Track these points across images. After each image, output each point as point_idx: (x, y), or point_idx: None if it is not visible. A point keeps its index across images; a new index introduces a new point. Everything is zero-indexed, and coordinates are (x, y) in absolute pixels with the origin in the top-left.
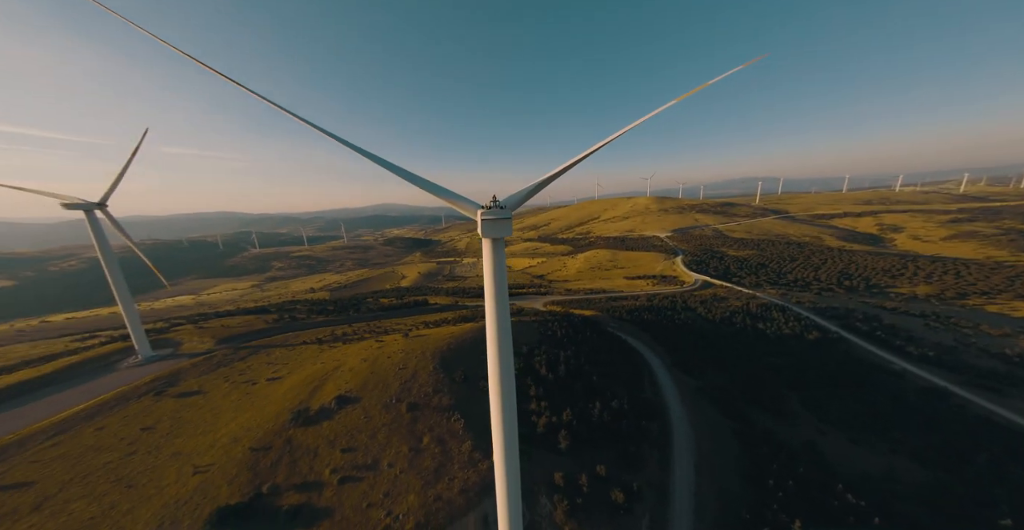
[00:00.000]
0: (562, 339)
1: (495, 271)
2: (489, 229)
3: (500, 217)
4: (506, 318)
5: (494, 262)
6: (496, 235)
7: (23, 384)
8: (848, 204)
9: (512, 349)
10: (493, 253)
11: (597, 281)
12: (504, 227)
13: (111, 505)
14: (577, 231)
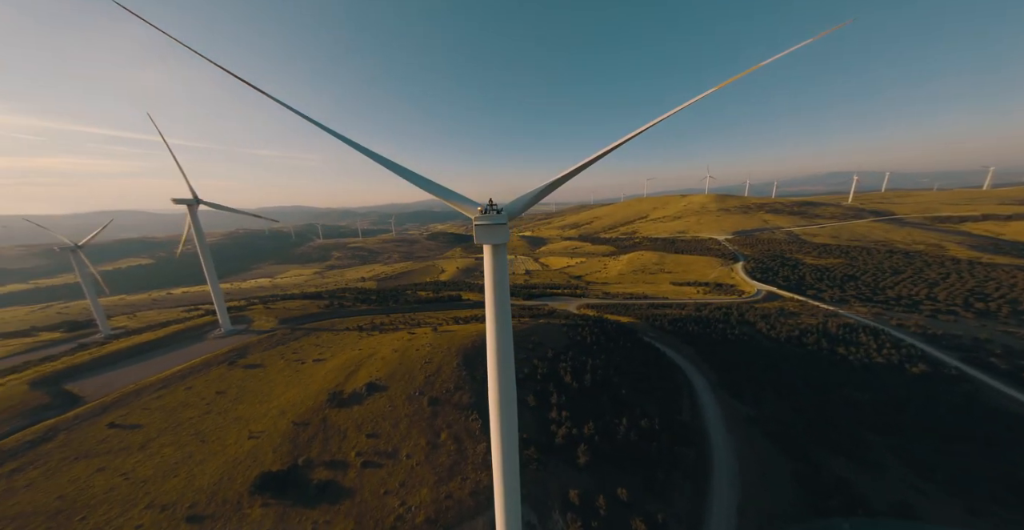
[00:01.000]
0: (591, 346)
1: (495, 278)
2: (483, 235)
3: (494, 223)
4: (507, 327)
5: (494, 269)
6: (490, 241)
7: (145, 344)
8: (990, 203)
9: (513, 361)
10: (493, 259)
11: (639, 285)
12: (499, 233)
13: (189, 455)
14: (622, 231)
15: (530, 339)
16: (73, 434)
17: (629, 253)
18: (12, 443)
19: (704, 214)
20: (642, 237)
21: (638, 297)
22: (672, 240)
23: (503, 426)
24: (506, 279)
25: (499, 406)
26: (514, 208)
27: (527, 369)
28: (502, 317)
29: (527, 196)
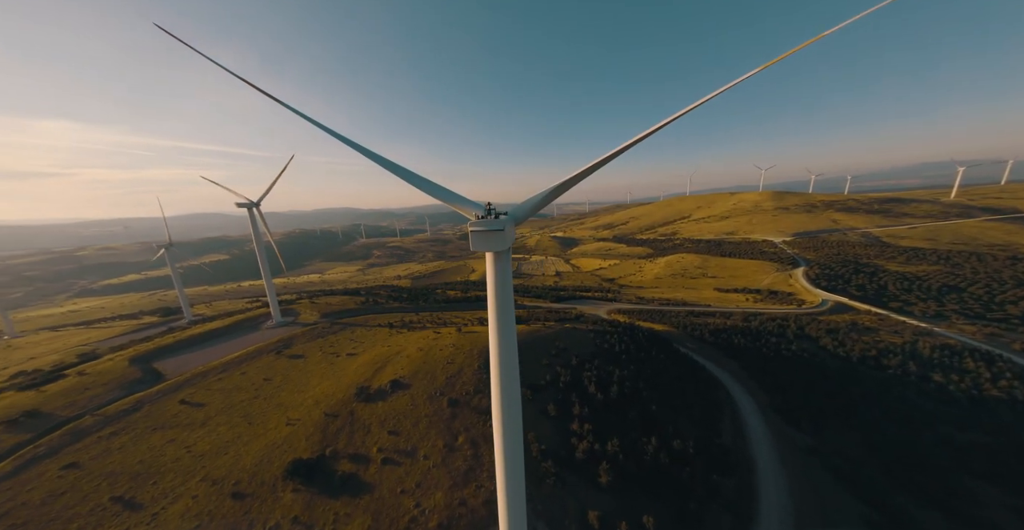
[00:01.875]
0: (620, 354)
1: (497, 288)
2: (479, 242)
3: (490, 229)
4: (511, 342)
5: (496, 278)
6: (487, 249)
7: (215, 331)
8: None
9: (517, 377)
10: (494, 267)
11: (678, 290)
12: (497, 240)
13: (238, 435)
14: (660, 231)
15: (554, 344)
16: (154, 407)
17: (668, 255)
18: (112, 410)
19: (757, 213)
20: (683, 238)
21: (676, 303)
22: (718, 242)
23: (506, 448)
24: (509, 289)
25: (503, 424)
26: (520, 212)
27: (549, 376)
28: (505, 330)
29: (534, 199)
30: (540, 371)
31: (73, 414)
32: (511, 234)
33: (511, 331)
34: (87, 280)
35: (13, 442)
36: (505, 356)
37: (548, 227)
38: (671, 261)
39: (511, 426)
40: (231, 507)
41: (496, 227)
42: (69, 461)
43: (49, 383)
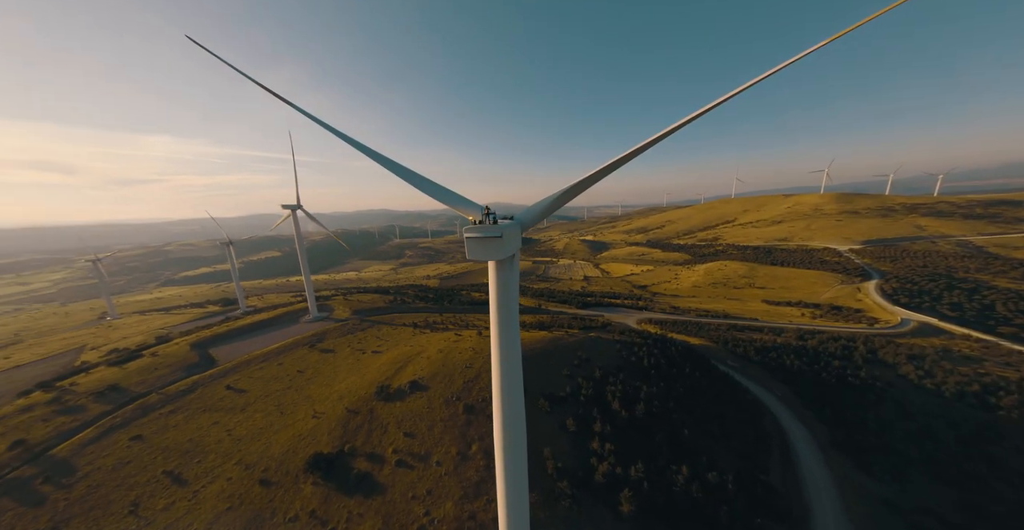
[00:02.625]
0: (649, 369)
1: (500, 301)
2: (475, 249)
3: (486, 235)
4: (515, 360)
5: (499, 289)
6: (483, 258)
7: (262, 322)
8: None
9: (523, 397)
10: (496, 277)
11: (719, 301)
12: (494, 248)
13: (270, 423)
14: (700, 236)
15: (576, 354)
16: (206, 390)
17: (708, 262)
18: (173, 390)
19: (817, 218)
20: (726, 244)
21: (716, 315)
22: (768, 249)
23: (508, 468)
24: (513, 302)
25: (504, 445)
26: (528, 216)
27: (569, 388)
28: (508, 348)
29: (544, 202)
30: (560, 382)
31: (143, 391)
32: (513, 241)
33: (515, 351)
34: (171, 272)
35: (98, 412)
36: (507, 379)
37: (578, 230)
38: (711, 269)
39: (513, 446)
40: (258, 493)
41: (493, 233)
42: (136, 433)
43: (130, 361)
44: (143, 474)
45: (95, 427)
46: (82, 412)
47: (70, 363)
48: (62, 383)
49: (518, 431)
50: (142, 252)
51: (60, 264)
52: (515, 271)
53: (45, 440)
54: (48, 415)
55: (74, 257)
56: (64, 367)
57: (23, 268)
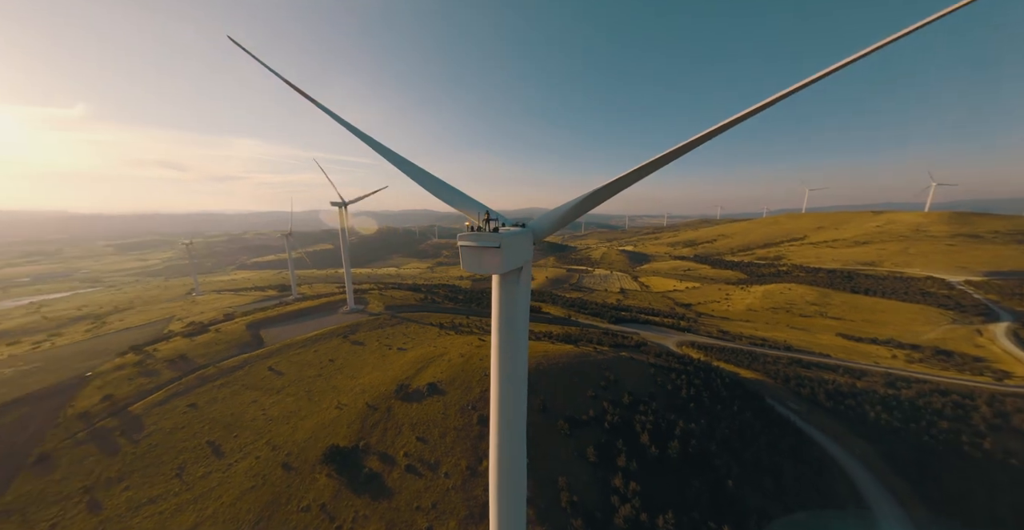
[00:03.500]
0: (688, 401)
1: (502, 322)
2: (469, 260)
3: (483, 244)
4: (519, 387)
5: (501, 308)
6: (477, 270)
7: (306, 309)
8: None
9: (524, 432)
10: (500, 293)
11: (780, 329)
12: (491, 260)
13: (299, 408)
14: (759, 254)
15: (604, 374)
16: (251, 369)
17: (768, 284)
18: (226, 365)
19: (919, 240)
20: (791, 265)
21: (775, 345)
22: (847, 274)
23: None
24: (520, 324)
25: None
26: (543, 224)
27: (593, 411)
28: (511, 378)
29: (562, 208)
30: (583, 403)
31: (204, 363)
32: (518, 252)
33: (518, 387)
34: (245, 257)
35: (168, 377)
36: (510, 405)
37: (617, 239)
38: (772, 291)
39: (510, 497)
40: (279, 477)
41: (488, 243)
42: (192, 401)
43: (199, 335)
44: (192, 440)
45: (164, 391)
46: (157, 376)
47: (160, 330)
48: (148, 348)
49: (516, 483)
50: (225, 238)
51: (168, 245)
52: (522, 287)
53: (127, 397)
54: (133, 375)
55: (179, 239)
56: (156, 333)
57: (144, 247)
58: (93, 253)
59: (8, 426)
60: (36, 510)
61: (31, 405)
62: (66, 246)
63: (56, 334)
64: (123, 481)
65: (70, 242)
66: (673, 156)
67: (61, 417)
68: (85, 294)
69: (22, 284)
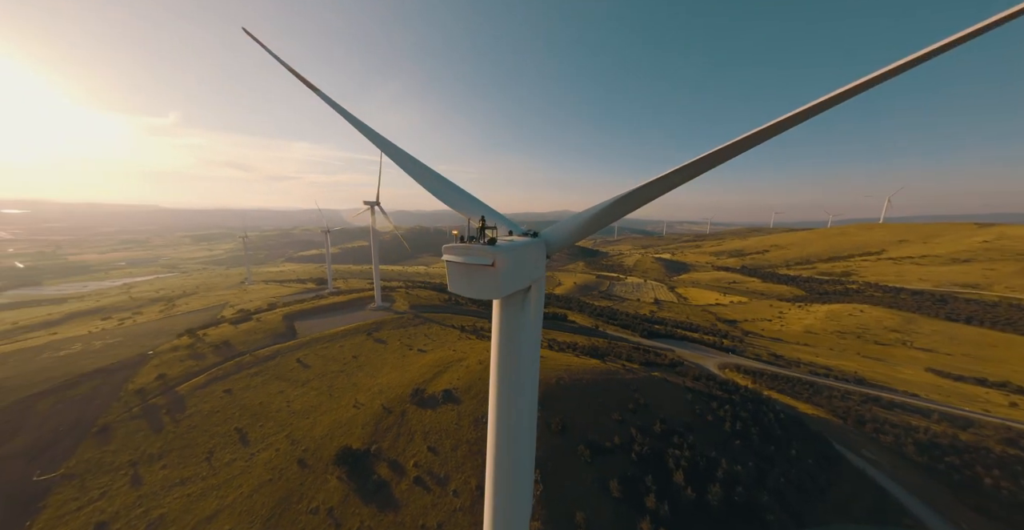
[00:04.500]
0: (732, 437)
1: (502, 353)
2: (457, 279)
3: (473, 261)
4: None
5: (501, 340)
6: (466, 293)
7: (337, 304)
8: None
9: (533, 469)
10: (500, 322)
11: (848, 357)
12: (485, 282)
13: (320, 403)
14: (821, 269)
15: (633, 396)
16: (282, 360)
17: (833, 303)
18: (261, 353)
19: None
20: (864, 282)
21: (843, 377)
22: (940, 296)
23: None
24: (527, 359)
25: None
26: (559, 234)
27: (619, 438)
28: (514, 423)
29: (583, 215)
30: (608, 428)
31: (243, 350)
32: (522, 270)
33: (523, 447)
34: (292, 250)
35: (212, 362)
36: (506, 489)
37: (653, 246)
38: (838, 312)
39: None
40: (295, 473)
41: (478, 260)
42: (228, 387)
43: (243, 322)
44: (223, 425)
45: (207, 374)
46: (203, 359)
47: (215, 316)
48: (200, 332)
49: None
50: (277, 233)
51: (231, 238)
52: (530, 314)
53: (176, 377)
54: (184, 357)
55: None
56: (211, 318)
57: (212, 239)
58: (173, 243)
59: (84, 396)
60: (92, 477)
61: (103, 377)
62: (153, 236)
63: (138, 312)
64: (162, 459)
65: (156, 233)
66: (716, 159)
67: (123, 391)
68: (164, 278)
69: (119, 267)
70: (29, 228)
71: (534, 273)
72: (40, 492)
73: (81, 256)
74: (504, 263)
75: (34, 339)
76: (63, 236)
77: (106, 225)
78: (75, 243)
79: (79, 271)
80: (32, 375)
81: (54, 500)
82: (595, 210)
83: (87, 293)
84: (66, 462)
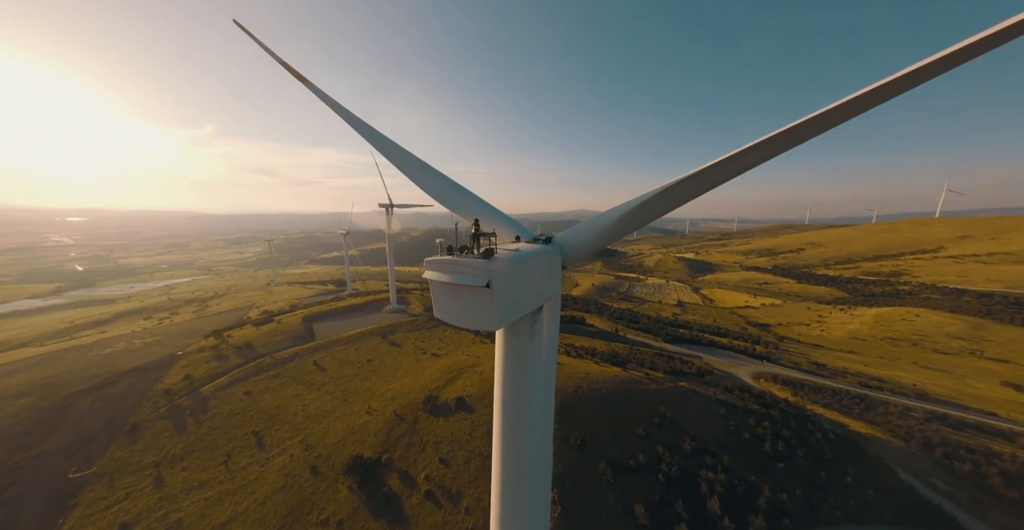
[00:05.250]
0: (775, 459)
1: (507, 382)
2: (444, 304)
3: (462, 282)
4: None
5: (506, 367)
6: (456, 321)
7: (354, 306)
8: None
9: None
10: (505, 347)
11: (904, 368)
12: (477, 307)
13: (334, 408)
14: (866, 268)
15: (658, 409)
16: (300, 362)
17: (882, 307)
18: (280, 356)
19: None
20: (918, 283)
21: (901, 391)
22: (1016, 299)
23: None
24: (539, 396)
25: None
26: (578, 238)
27: (643, 456)
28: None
29: (606, 217)
30: (631, 444)
31: (263, 352)
32: (528, 290)
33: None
34: (315, 252)
35: (235, 363)
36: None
37: (675, 245)
38: (888, 316)
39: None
40: (307, 481)
41: (470, 279)
42: (248, 389)
43: (265, 324)
44: (242, 428)
45: (229, 376)
46: (226, 361)
47: (241, 317)
48: (226, 333)
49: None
50: (301, 236)
51: (259, 241)
52: (540, 341)
53: (201, 378)
54: (209, 358)
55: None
56: (238, 319)
57: (243, 242)
58: (209, 246)
59: (119, 394)
60: (120, 476)
61: (138, 376)
62: (192, 240)
63: (175, 313)
64: (184, 460)
65: (195, 237)
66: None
67: (153, 391)
68: (199, 280)
69: (161, 270)
70: (87, 234)
71: (546, 291)
72: (74, 489)
73: (129, 259)
74: (503, 282)
75: (86, 337)
76: (115, 241)
77: (152, 230)
78: (125, 247)
79: (127, 273)
80: (80, 372)
81: (85, 498)
82: (622, 210)
83: (133, 294)
84: (99, 460)
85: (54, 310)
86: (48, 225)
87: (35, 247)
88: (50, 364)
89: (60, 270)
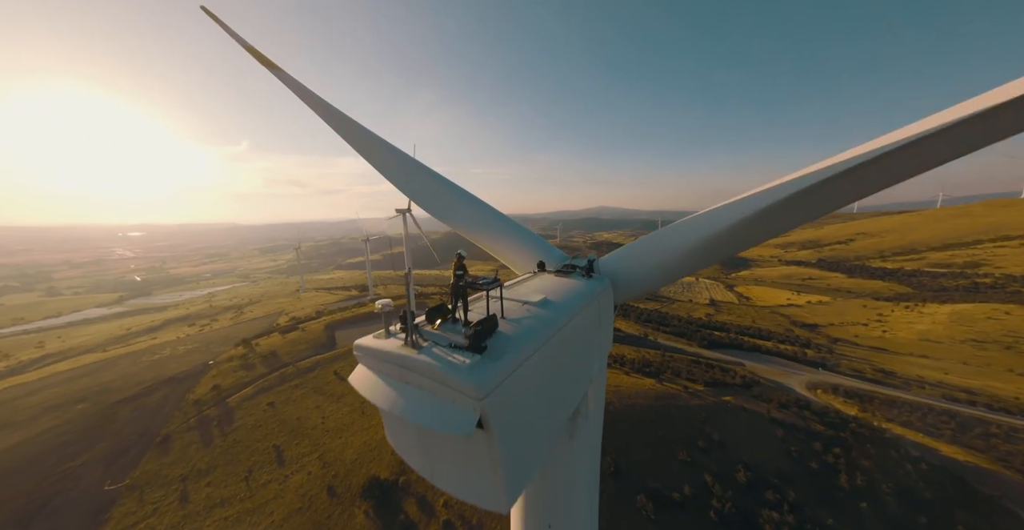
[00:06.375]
0: (855, 496)
1: (528, 510)
2: (401, 439)
3: (425, 423)
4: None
5: (526, 491)
6: (419, 469)
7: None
8: None
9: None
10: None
11: (996, 376)
12: (462, 470)
13: (352, 421)
14: (933, 259)
15: (702, 429)
16: (321, 372)
17: (959, 303)
18: (303, 365)
19: None
20: (1002, 275)
21: (1003, 407)
22: None
23: None
24: (580, 502)
25: None
26: (631, 272)
27: (689, 488)
28: None
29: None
30: (674, 471)
31: (287, 361)
32: (566, 383)
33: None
34: (341, 258)
35: (260, 372)
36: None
37: None
38: (968, 314)
39: None
40: (323, 502)
41: (441, 419)
42: (272, 399)
43: (291, 331)
44: (264, 441)
45: (254, 386)
46: (252, 370)
47: (272, 323)
48: (253, 342)
49: None
50: (328, 242)
51: (289, 249)
52: (583, 441)
53: (228, 389)
54: (236, 368)
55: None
56: (268, 325)
57: (276, 250)
58: (246, 255)
59: (156, 404)
60: (150, 490)
61: (173, 386)
62: (231, 250)
63: (214, 319)
64: (208, 475)
65: (234, 247)
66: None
67: (184, 401)
68: (237, 287)
69: (205, 278)
70: (144, 247)
71: (595, 362)
72: (107, 503)
73: (178, 269)
74: (514, 413)
75: (140, 343)
76: (167, 253)
77: (198, 242)
78: (175, 258)
79: (176, 283)
80: (129, 378)
81: (117, 512)
82: (720, 226)
83: (181, 302)
84: (132, 472)
85: (116, 318)
86: (113, 240)
87: (103, 260)
88: (107, 369)
89: (122, 280)
